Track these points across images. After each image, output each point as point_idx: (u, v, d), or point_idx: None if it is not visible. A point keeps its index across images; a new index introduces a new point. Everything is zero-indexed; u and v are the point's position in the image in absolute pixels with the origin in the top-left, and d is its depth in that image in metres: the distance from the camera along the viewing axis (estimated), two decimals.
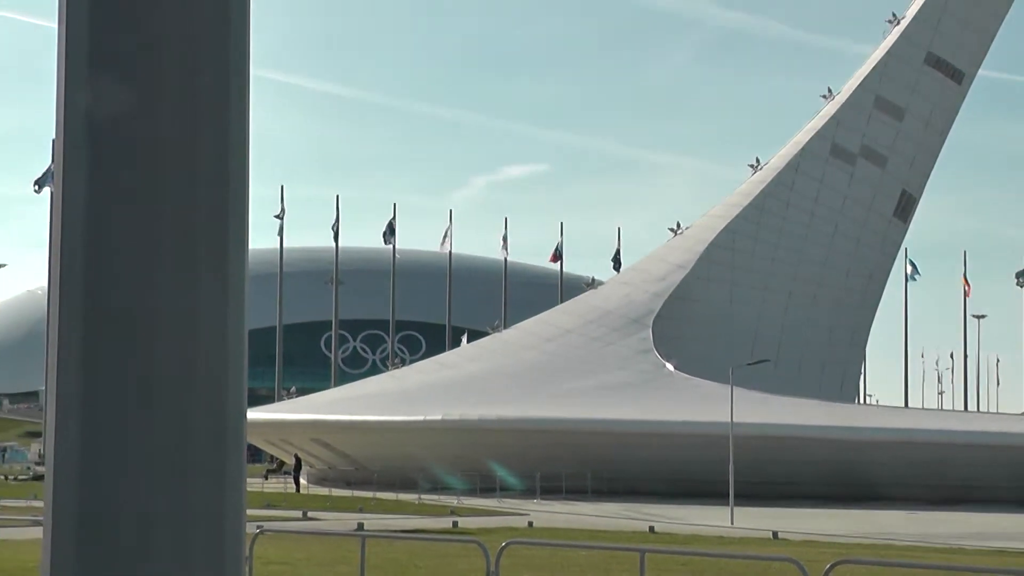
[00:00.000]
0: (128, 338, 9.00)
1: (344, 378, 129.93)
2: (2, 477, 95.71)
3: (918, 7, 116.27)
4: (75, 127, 8.59)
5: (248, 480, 10.74)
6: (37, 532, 13.78)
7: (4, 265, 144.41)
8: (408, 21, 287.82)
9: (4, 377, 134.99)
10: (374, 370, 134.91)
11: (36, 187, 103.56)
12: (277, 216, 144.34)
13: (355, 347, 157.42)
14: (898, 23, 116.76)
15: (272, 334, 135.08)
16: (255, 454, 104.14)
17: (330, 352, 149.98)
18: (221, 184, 9.22)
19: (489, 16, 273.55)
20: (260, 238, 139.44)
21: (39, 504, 40.01)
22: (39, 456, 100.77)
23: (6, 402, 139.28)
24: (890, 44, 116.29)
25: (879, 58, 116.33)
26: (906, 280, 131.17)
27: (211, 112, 9.16)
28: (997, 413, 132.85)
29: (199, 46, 8.99)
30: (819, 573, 13.11)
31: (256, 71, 9.44)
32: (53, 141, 8.42)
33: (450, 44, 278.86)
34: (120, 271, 8.91)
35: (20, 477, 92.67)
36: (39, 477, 77.56)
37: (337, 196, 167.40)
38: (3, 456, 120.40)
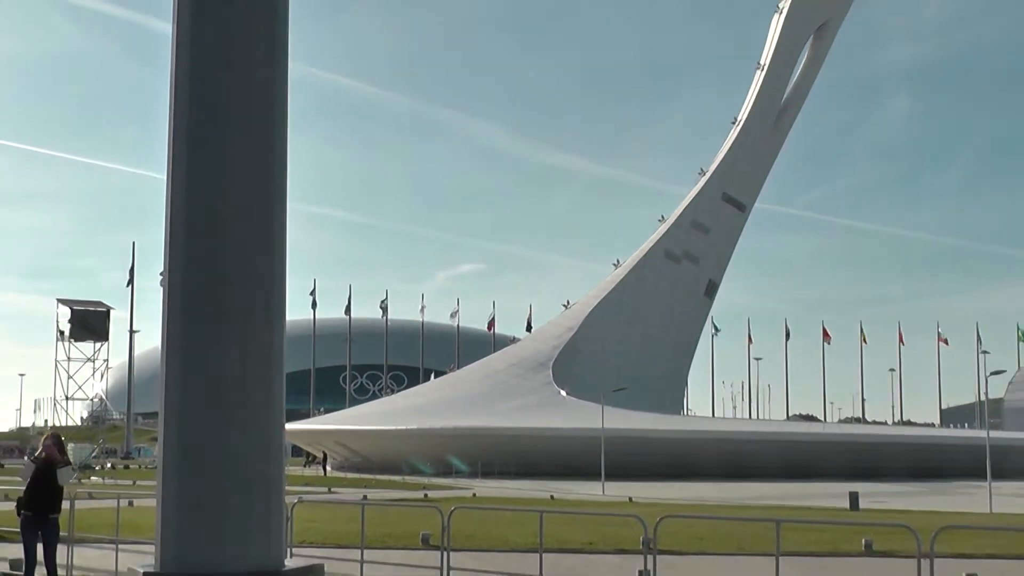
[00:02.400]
0: (210, 376, 9.17)
1: (354, 402, 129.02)
2: (137, 466, 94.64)
3: (715, 165, 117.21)
4: (176, 233, 8.76)
5: (289, 467, 10.71)
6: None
7: (138, 331, 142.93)
8: (398, 168, 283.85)
9: (140, 402, 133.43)
10: (373, 397, 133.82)
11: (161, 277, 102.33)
12: (311, 294, 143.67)
13: (361, 382, 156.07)
14: (704, 174, 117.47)
15: (308, 374, 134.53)
16: (297, 451, 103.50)
17: (345, 385, 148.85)
18: (267, 279, 9.40)
19: (449, 169, 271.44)
20: (299, 312, 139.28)
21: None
22: None
23: (140, 418, 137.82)
24: (700, 187, 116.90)
25: (694, 196, 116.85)
26: (712, 335, 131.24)
27: (264, 231, 9.35)
28: (768, 420, 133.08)
29: (255, 179, 9.18)
30: (652, 524, 13.11)
31: (292, 204, 9.56)
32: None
33: (426, 186, 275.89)
34: (204, 334, 9.09)
35: (149, 467, 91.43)
36: None
37: (350, 285, 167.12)
38: (139, 452, 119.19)
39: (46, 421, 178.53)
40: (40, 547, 16.61)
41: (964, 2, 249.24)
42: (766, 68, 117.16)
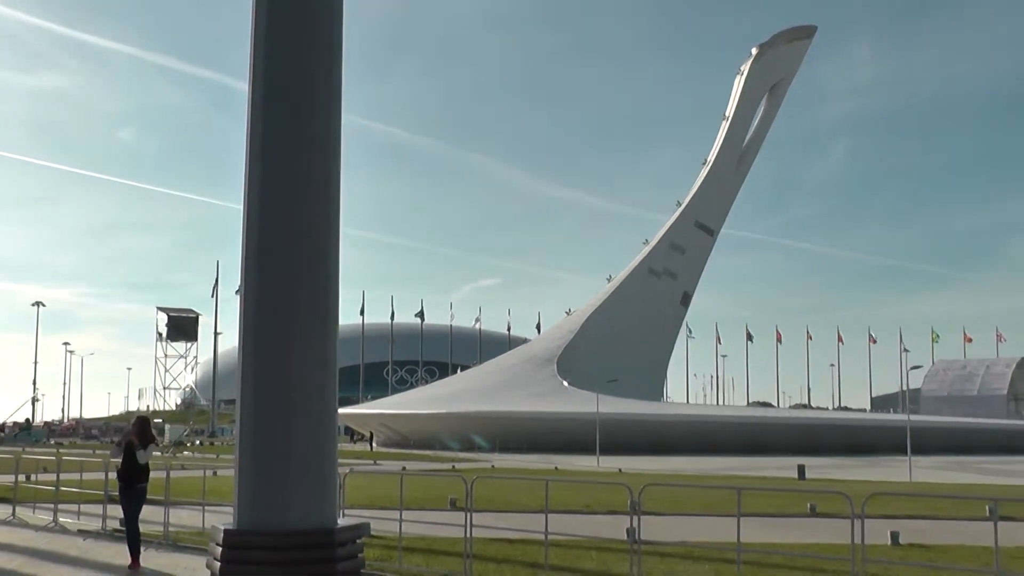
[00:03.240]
0: (277, 370, 9.10)
1: (395, 391, 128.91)
2: (220, 443, 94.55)
3: (689, 198, 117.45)
4: (251, 255, 8.70)
5: (341, 444, 10.59)
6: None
7: (221, 333, 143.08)
8: (431, 200, 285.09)
9: (222, 390, 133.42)
10: (411, 387, 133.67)
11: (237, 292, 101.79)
12: (361, 312, 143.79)
13: (401, 374, 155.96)
14: (680, 205, 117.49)
15: (358, 368, 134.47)
16: (348, 431, 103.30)
17: (388, 377, 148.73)
18: (323, 291, 9.31)
19: (473, 201, 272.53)
20: (351, 317, 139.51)
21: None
22: None
23: (222, 404, 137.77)
24: (677, 215, 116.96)
25: (672, 223, 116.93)
26: (687, 337, 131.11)
27: (320, 251, 9.29)
28: (731, 405, 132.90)
29: (314, 210, 9.11)
30: (637, 490, 13.11)
31: (345, 230, 9.47)
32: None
33: (454, 215, 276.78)
34: (273, 336, 9.02)
35: (229, 443, 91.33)
36: None
37: (392, 296, 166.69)
38: (221, 432, 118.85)
39: (148, 406, 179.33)
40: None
41: (890, 65, 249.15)
42: (730, 119, 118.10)
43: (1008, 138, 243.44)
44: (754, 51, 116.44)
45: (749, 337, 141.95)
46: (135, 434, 17.25)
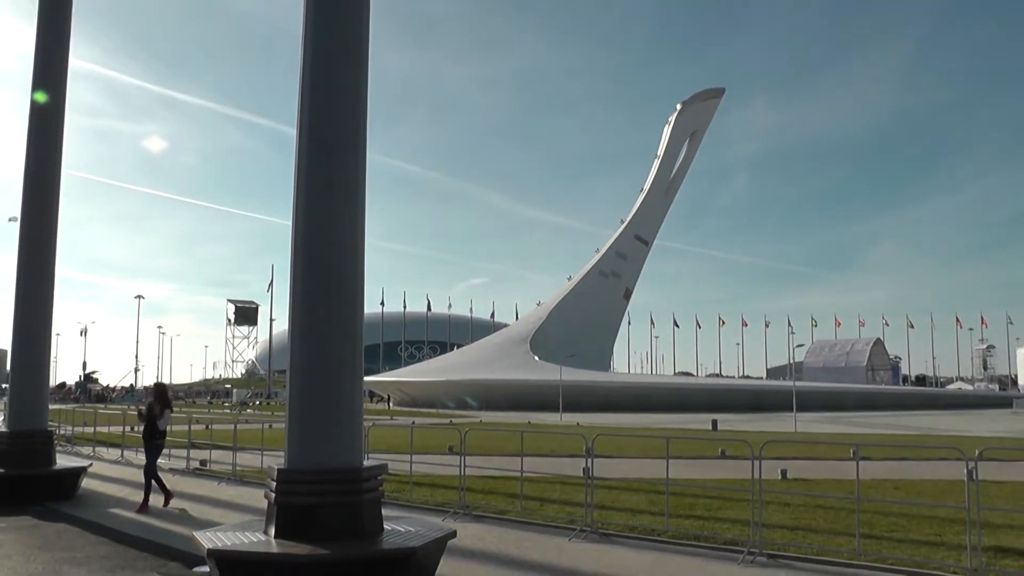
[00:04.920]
0: (317, 347, 9.05)
1: (406, 364, 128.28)
2: (274, 404, 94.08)
3: (630, 216, 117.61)
4: (298, 261, 8.67)
5: (365, 404, 10.53)
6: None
7: (275, 319, 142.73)
8: (434, 218, 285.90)
9: (276, 362, 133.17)
10: (418, 361, 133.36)
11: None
12: (381, 303, 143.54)
13: (411, 351, 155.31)
14: (623, 222, 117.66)
15: (378, 347, 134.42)
16: (371, 394, 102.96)
17: (401, 353, 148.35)
18: (352, 287, 9.27)
19: (466, 219, 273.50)
20: (373, 307, 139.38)
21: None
22: None
23: (276, 373, 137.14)
24: (621, 230, 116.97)
25: (618, 235, 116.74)
26: (628, 323, 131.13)
27: (351, 257, 9.26)
28: (661, 375, 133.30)
29: (344, 225, 9.04)
30: (591, 438, 13.20)
31: (369, 240, 9.45)
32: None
33: (452, 229, 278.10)
34: (314, 320, 8.97)
35: (281, 404, 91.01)
36: None
37: (404, 291, 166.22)
38: (276, 395, 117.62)
39: (220, 375, 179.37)
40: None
41: (776, 117, 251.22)
42: (660, 157, 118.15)
43: (862, 174, 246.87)
44: (678, 106, 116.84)
45: (675, 323, 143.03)
46: (155, 400, 16.25)
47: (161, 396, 16.38)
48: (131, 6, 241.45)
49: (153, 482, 15.43)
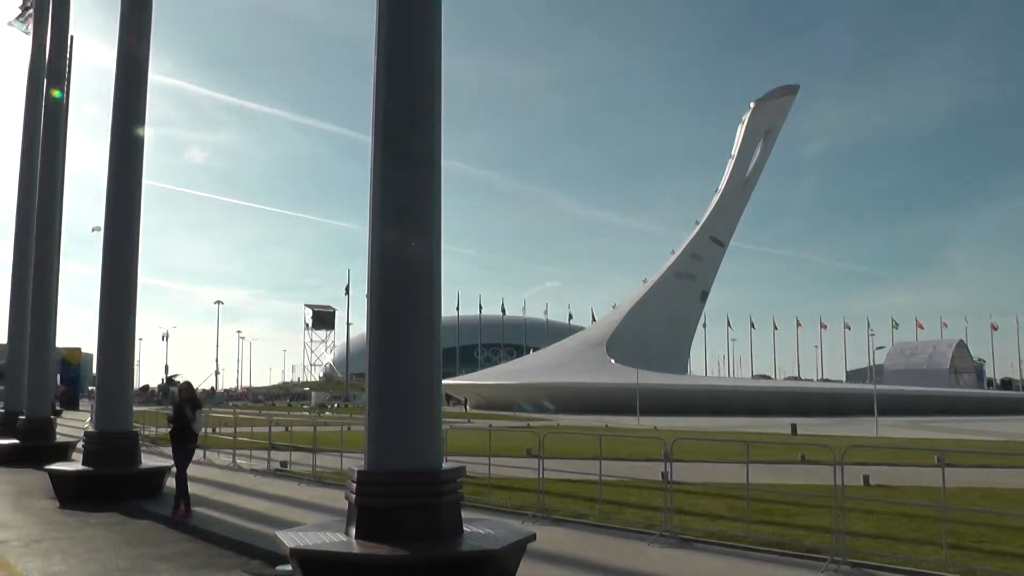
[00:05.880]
0: (396, 351, 9.07)
1: (482, 367, 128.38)
2: (352, 406, 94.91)
3: (705, 218, 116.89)
4: (375, 264, 8.75)
5: (443, 408, 10.51)
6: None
7: (352, 323, 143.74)
8: (510, 223, 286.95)
9: (353, 366, 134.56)
10: (494, 364, 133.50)
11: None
12: (456, 306, 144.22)
13: (487, 354, 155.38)
14: (698, 224, 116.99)
15: (455, 350, 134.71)
16: (448, 397, 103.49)
17: (477, 356, 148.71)
18: (429, 292, 9.31)
19: (539, 223, 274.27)
20: (449, 311, 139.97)
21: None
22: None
23: (353, 376, 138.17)
24: (695, 231, 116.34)
25: (693, 236, 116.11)
26: (704, 325, 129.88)
27: (427, 261, 9.29)
28: (739, 378, 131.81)
29: (420, 231, 9.10)
30: (669, 442, 13.07)
31: (445, 246, 9.45)
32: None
33: (527, 234, 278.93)
34: (392, 325, 8.98)
35: (359, 406, 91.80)
36: None
37: (480, 295, 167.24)
38: (354, 398, 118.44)
39: (298, 378, 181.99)
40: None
41: (851, 113, 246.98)
42: (735, 157, 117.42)
43: (939, 169, 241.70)
44: (752, 105, 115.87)
45: (752, 325, 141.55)
46: (186, 400, 15.43)
47: (191, 397, 15.70)
48: (202, 20, 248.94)
49: (179, 487, 14.97)
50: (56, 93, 31.08)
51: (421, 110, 9.89)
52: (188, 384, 16.40)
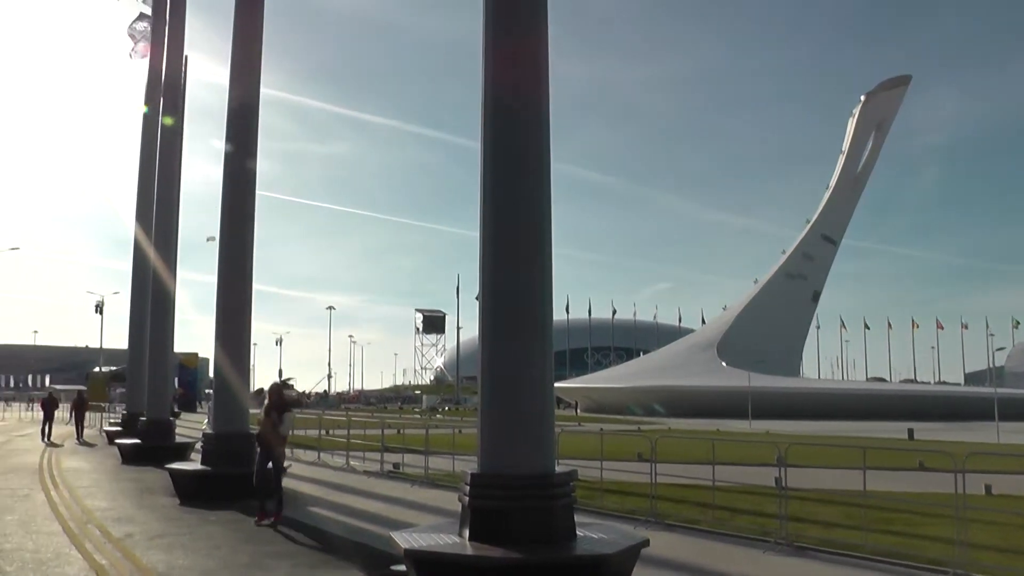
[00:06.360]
0: (508, 354, 9.07)
1: (592, 370, 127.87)
2: (463, 409, 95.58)
3: (816, 216, 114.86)
4: (486, 268, 8.72)
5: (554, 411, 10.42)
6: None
7: (462, 327, 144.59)
8: (618, 225, 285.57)
9: (464, 369, 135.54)
10: (604, 367, 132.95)
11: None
12: (566, 309, 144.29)
13: (597, 357, 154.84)
14: (809, 222, 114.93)
15: (565, 353, 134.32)
16: (559, 401, 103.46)
17: (587, 359, 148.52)
18: (540, 295, 9.25)
19: (648, 225, 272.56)
20: (558, 315, 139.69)
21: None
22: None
23: (464, 380, 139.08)
24: (807, 230, 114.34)
25: (804, 235, 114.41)
26: (817, 327, 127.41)
27: (538, 266, 9.27)
28: (853, 380, 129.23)
29: (531, 235, 9.11)
30: (783, 448, 12.86)
31: (556, 249, 9.45)
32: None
33: (636, 235, 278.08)
34: (504, 328, 8.97)
35: (471, 409, 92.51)
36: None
37: (589, 298, 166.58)
38: (465, 401, 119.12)
39: (409, 382, 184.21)
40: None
41: (967, 104, 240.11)
42: (846, 152, 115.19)
43: None
44: (862, 98, 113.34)
45: (866, 326, 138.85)
46: (274, 403, 14.70)
47: (281, 400, 14.95)
48: (312, 33, 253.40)
49: (262, 490, 14.43)
50: (168, 120, 32.38)
51: (530, 115, 9.90)
52: (277, 386, 15.60)
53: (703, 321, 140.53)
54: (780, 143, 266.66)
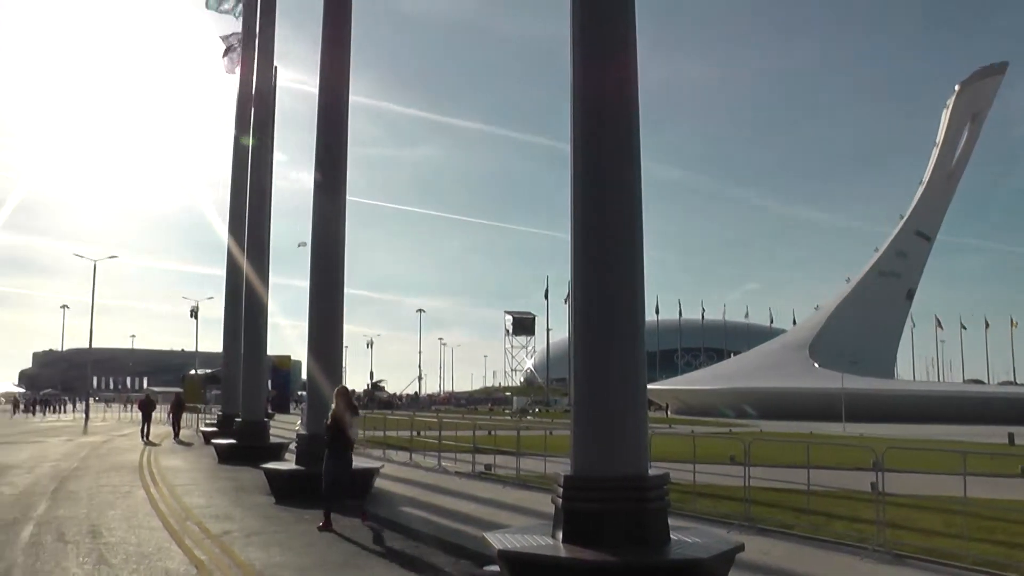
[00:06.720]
0: (599, 356, 9.00)
1: (683, 371, 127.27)
2: (552, 411, 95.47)
3: (910, 211, 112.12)
4: (578, 270, 8.73)
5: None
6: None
7: (551, 329, 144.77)
8: (704, 224, 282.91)
9: (553, 371, 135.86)
10: (694, 368, 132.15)
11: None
12: (656, 310, 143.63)
13: (687, 359, 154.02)
14: (902, 218, 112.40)
15: (655, 354, 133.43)
16: (649, 403, 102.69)
17: (677, 361, 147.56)
18: (631, 298, 9.18)
19: (745, 224, 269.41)
20: (649, 315, 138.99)
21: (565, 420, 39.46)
22: (569, 402, 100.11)
23: (554, 382, 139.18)
24: (900, 226, 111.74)
25: (897, 232, 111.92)
26: (911, 327, 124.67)
27: (629, 267, 9.20)
28: (949, 382, 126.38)
29: (620, 237, 8.97)
30: (879, 452, 12.58)
31: (651, 253, 9.35)
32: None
33: (724, 235, 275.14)
34: (596, 329, 8.91)
35: (561, 411, 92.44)
36: (569, 410, 76.37)
37: (679, 299, 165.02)
38: (554, 403, 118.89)
39: (499, 383, 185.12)
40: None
41: None
42: (939, 144, 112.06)
43: None
44: (957, 88, 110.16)
45: (962, 325, 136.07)
46: (343, 408, 14.53)
47: (350, 403, 14.84)
48: (398, 39, 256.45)
49: (329, 494, 14.26)
50: (251, 141, 33.28)
51: (620, 114, 9.88)
52: (345, 389, 15.26)
53: (794, 321, 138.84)
54: (871, 137, 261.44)
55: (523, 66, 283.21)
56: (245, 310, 31.13)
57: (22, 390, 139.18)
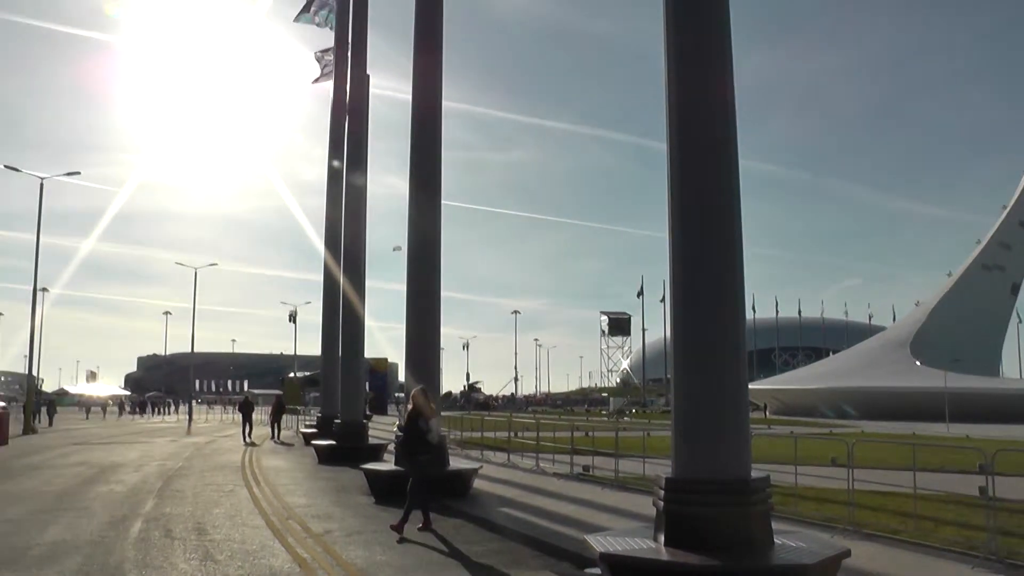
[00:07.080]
0: (700, 357, 8.90)
1: (780, 371, 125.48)
2: (649, 412, 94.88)
3: (1013, 201, 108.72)
4: (677, 272, 8.56)
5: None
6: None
7: (646, 329, 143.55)
8: (800, 219, 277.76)
9: (651, 371, 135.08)
10: (792, 368, 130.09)
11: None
12: (752, 308, 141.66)
13: (785, 358, 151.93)
14: (1005, 208, 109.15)
15: (752, 354, 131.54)
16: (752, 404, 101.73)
17: (775, 360, 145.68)
18: (733, 296, 9.04)
19: (835, 217, 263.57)
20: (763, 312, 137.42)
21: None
22: (666, 402, 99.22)
23: (650, 382, 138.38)
24: (1003, 217, 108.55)
25: (1000, 223, 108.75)
26: (1018, 323, 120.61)
27: (728, 266, 9.04)
28: None
29: (714, 232, 8.84)
30: (990, 456, 12.22)
31: (748, 248, 9.21)
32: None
33: (822, 228, 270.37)
34: (696, 330, 8.81)
35: (658, 411, 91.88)
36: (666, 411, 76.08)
37: (776, 297, 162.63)
38: (651, 403, 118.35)
39: (595, 384, 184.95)
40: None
41: None
42: None
43: None
44: None
45: None
46: (420, 409, 14.13)
47: (424, 405, 14.35)
48: (490, 44, 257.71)
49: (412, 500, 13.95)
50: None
51: (716, 111, 9.76)
52: (422, 391, 14.72)
53: (894, 318, 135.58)
54: (971, 126, 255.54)
55: (614, 65, 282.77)
56: (342, 320, 31.95)
57: (128, 393, 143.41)
